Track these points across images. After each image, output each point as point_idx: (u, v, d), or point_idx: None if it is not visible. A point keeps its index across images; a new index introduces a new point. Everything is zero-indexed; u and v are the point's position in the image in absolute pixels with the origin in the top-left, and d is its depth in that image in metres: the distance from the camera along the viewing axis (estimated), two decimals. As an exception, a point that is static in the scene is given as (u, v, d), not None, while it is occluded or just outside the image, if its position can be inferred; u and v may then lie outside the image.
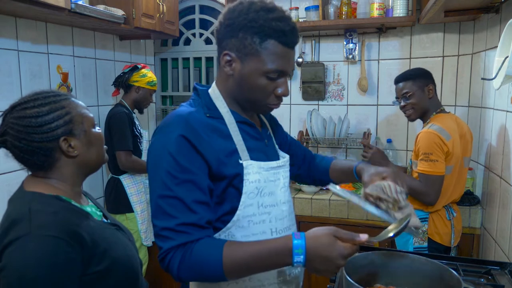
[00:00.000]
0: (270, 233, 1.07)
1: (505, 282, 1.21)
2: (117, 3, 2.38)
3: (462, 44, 2.55)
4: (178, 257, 0.93)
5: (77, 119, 1.04)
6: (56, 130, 1.00)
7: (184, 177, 0.95)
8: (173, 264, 0.93)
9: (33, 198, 0.98)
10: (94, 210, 1.12)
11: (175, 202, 0.95)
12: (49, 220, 0.93)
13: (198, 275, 0.94)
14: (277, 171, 1.11)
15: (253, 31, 0.97)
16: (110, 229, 1.09)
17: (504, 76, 1.35)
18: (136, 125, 2.44)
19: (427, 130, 1.84)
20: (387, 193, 1.05)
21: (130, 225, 2.39)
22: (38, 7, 1.76)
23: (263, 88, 1.01)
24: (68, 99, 1.06)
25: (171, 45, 3.31)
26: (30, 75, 2.10)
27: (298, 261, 0.88)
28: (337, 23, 2.58)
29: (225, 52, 1.01)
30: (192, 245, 0.93)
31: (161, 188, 0.96)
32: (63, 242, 0.90)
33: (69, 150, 1.03)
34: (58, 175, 1.04)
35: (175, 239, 0.94)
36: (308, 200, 2.45)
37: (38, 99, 1.01)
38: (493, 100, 2.02)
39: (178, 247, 0.94)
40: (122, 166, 2.35)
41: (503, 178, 1.85)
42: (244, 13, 0.98)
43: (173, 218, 0.94)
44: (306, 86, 2.85)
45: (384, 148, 2.74)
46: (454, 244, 1.89)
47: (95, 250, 0.97)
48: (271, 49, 0.98)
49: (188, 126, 0.98)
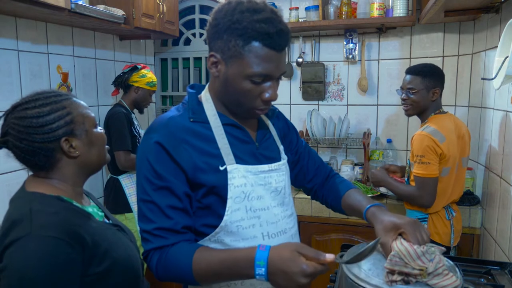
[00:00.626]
0: (261, 237, 1.04)
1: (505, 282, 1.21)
2: (117, 3, 2.38)
3: (462, 44, 2.55)
4: (155, 259, 0.99)
5: (78, 119, 1.04)
6: (57, 130, 1.00)
7: (159, 183, 0.99)
8: (152, 265, 0.99)
9: (34, 198, 0.98)
10: (96, 211, 1.12)
11: (152, 206, 0.99)
12: (49, 220, 0.93)
13: (173, 277, 0.98)
14: (269, 175, 1.08)
15: (236, 33, 0.93)
16: (112, 230, 1.09)
17: (504, 76, 1.35)
18: (134, 125, 2.44)
19: (421, 132, 1.84)
20: (410, 264, 0.89)
21: (129, 225, 2.39)
22: (38, 7, 1.76)
23: (248, 92, 0.98)
24: (70, 99, 1.05)
25: (171, 45, 3.31)
26: (30, 75, 2.10)
27: (260, 273, 0.86)
28: (337, 23, 2.58)
29: (211, 54, 1.00)
30: (168, 249, 0.98)
31: (141, 192, 1.01)
32: (63, 242, 0.90)
33: (70, 150, 1.02)
34: (59, 176, 1.04)
35: (153, 242, 0.99)
36: (308, 200, 2.45)
37: (39, 99, 1.01)
38: (493, 100, 2.02)
39: (156, 250, 0.99)
40: (121, 166, 2.35)
41: (503, 178, 1.85)
42: (230, 14, 0.95)
43: (151, 222, 1.00)
44: (306, 86, 2.85)
45: (384, 148, 2.74)
46: (453, 244, 1.89)
47: (96, 250, 0.97)
48: (255, 52, 0.94)
49: (167, 132, 1.00)
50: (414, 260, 0.90)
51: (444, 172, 1.85)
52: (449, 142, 1.82)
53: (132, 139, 2.39)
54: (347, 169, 2.66)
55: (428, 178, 1.80)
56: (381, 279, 0.93)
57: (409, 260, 0.90)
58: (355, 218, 2.39)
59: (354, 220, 2.39)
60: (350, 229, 2.39)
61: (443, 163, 1.83)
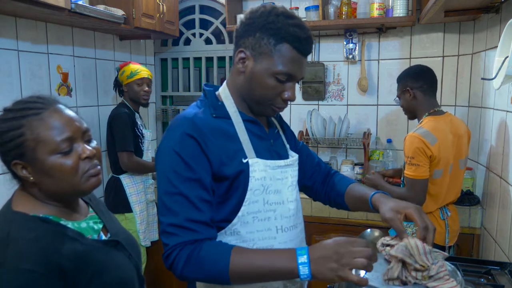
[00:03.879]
0: (275, 230, 1.07)
1: (505, 282, 1.21)
2: (117, 3, 2.38)
3: (462, 44, 2.55)
4: (184, 255, 0.94)
5: (28, 144, 0.89)
6: (9, 152, 0.90)
7: (189, 175, 0.97)
8: (178, 262, 0.94)
9: (14, 220, 0.90)
10: (92, 225, 1.01)
11: (180, 198, 0.96)
12: (26, 249, 0.85)
13: (203, 275, 0.94)
14: (285, 170, 1.12)
15: (270, 32, 1.00)
16: (104, 249, 0.97)
17: (504, 76, 1.35)
18: (138, 125, 2.44)
19: (412, 134, 1.85)
20: (415, 256, 0.92)
21: (129, 225, 2.39)
22: (38, 7, 1.76)
23: (271, 89, 1.03)
24: (39, 114, 0.90)
25: (171, 45, 3.31)
26: (30, 75, 2.10)
27: (303, 262, 0.87)
28: (337, 23, 2.58)
29: (240, 49, 1.04)
30: (200, 244, 0.94)
31: (166, 185, 0.98)
32: (38, 275, 0.83)
33: (22, 175, 0.91)
34: (37, 193, 0.94)
35: (181, 236, 0.95)
36: (308, 200, 2.45)
37: (9, 111, 0.92)
38: (493, 100, 2.02)
39: (185, 245, 0.94)
40: (124, 167, 2.36)
41: (503, 178, 1.85)
42: (266, 15, 1.02)
43: (178, 214, 0.96)
44: (306, 86, 2.85)
45: (384, 148, 2.74)
46: (449, 244, 1.89)
47: (80, 277, 0.88)
48: (284, 52, 1.01)
49: (194, 125, 1.00)
50: (420, 255, 0.92)
51: (436, 174, 1.84)
52: (441, 143, 1.81)
53: (135, 140, 2.39)
54: (347, 169, 2.66)
55: (418, 179, 1.80)
56: (379, 282, 0.95)
57: (415, 253, 0.92)
58: (355, 218, 2.39)
59: (354, 220, 2.39)
60: (350, 229, 2.39)
61: (434, 165, 1.82)
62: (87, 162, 0.94)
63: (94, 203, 1.10)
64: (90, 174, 0.95)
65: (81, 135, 0.95)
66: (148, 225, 2.52)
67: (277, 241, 1.07)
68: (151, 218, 2.59)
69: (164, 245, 0.97)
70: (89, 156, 0.94)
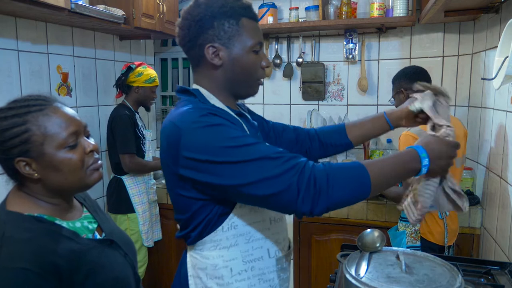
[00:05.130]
0: (269, 221, 1.08)
1: (505, 282, 1.21)
2: (117, 3, 2.38)
3: (462, 44, 2.55)
4: (320, 168, 0.89)
5: (36, 139, 0.89)
6: (12, 149, 0.89)
7: (242, 141, 0.92)
8: (323, 177, 0.87)
9: (8, 221, 0.90)
10: (86, 224, 1.02)
11: (258, 161, 0.90)
12: (21, 249, 0.85)
13: (348, 189, 0.90)
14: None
15: (226, 15, 1.03)
16: (98, 249, 0.97)
17: (504, 76, 1.35)
18: (139, 126, 2.43)
19: (406, 132, 1.86)
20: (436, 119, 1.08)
21: (131, 226, 2.39)
22: (38, 7, 1.76)
23: (253, 64, 1.06)
24: (41, 110, 0.91)
25: (171, 45, 3.31)
26: (30, 75, 2.11)
27: (422, 155, 0.96)
28: (337, 23, 2.58)
29: (208, 45, 1.03)
30: (326, 163, 0.92)
31: (224, 155, 0.89)
32: (34, 274, 0.83)
33: (26, 172, 0.90)
34: (38, 191, 0.94)
35: (299, 157, 0.91)
36: (308, 200, 2.44)
37: (8, 109, 0.92)
38: (493, 100, 2.02)
39: (306, 162, 0.90)
40: (127, 169, 2.35)
41: (503, 178, 1.85)
42: (210, 4, 1.03)
43: (276, 151, 0.91)
44: (306, 86, 2.85)
45: (384, 148, 2.74)
46: (448, 243, 1.89)
47: (75, 277, 0.88)
48: (247, 26, 1.05)
49: (214, 108, 1.01)
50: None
51: None
52: None
53: (136, 141, 2.39)
54: (347, 169, 2.66)
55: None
56: (380, 281, 0.96)
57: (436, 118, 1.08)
58: (355, 218, 2.39)
59: (354, 220, 2.39)
60: (350, 229, 2.38)
61: None
62: (91, 156, 0.97)
63: (89, 203, 1.10)
64: (94, 167, 0.98)
65: (83, 130, 0.98)
66: (150, 226, 2.52)
67: (271, 232, 1.08)
68: (153, 218, 2.59)
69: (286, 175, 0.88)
70: (93, 150, 0.97)
